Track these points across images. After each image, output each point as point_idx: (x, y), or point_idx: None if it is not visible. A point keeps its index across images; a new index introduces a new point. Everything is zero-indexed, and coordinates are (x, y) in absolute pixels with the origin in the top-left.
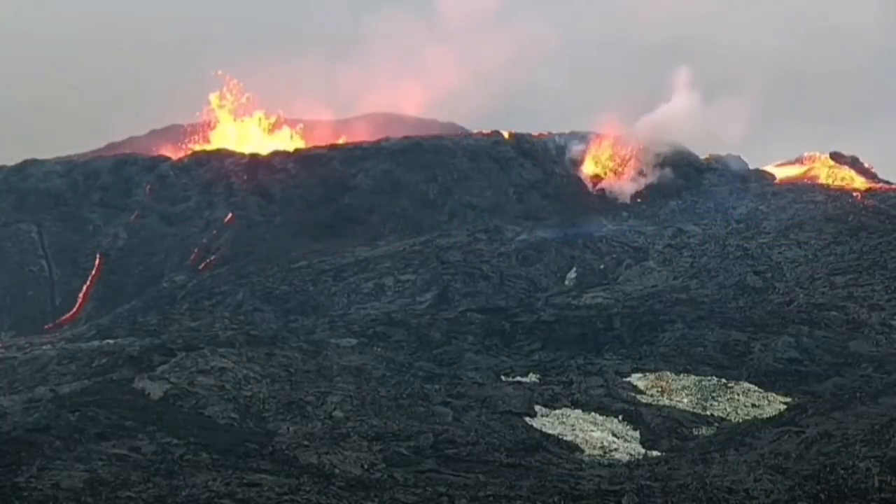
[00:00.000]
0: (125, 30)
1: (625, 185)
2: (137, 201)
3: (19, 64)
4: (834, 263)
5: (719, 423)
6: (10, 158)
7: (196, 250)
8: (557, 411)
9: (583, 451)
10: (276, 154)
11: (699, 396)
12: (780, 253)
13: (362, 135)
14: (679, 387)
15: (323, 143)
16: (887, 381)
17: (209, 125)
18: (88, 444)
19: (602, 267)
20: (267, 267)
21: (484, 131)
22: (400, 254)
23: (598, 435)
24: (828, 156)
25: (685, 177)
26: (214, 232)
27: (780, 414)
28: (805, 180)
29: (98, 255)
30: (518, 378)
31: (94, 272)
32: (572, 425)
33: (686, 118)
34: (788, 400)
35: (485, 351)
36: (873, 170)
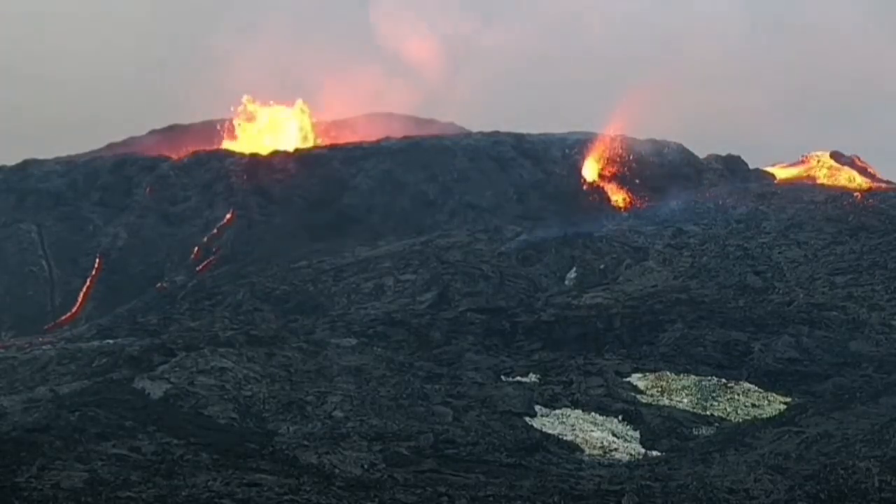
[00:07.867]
0: (125, 30)
1: (625, 185)
2: (137, 201)
3: (19, 63)
4: (834, 263)
5: (719, 423)
6: (10, 158)
7: (196, 250)
8: (557, 411)
9: (583, 451)
10: (276, 154)
11: (699, 396)
12: (780, 253)
13: (362, 135)
14: (679, 387)
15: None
16: (887, 381)
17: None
18: (88, 444)
19: (602, 267)
20: (267, 267)
21: (484, 131)
22: (400, 254)
23: (598, 435)
24: (828, 156)
25: (685, 177)
26: (214, 232)
27: (780, 414)
28: (805, 180)
29: (98, 255)
30: (518, 378)
31: (94, 272)
32: (572, 425)
33: None
34: (788, 400)
35: (485, 351)
36: (872, 170)
